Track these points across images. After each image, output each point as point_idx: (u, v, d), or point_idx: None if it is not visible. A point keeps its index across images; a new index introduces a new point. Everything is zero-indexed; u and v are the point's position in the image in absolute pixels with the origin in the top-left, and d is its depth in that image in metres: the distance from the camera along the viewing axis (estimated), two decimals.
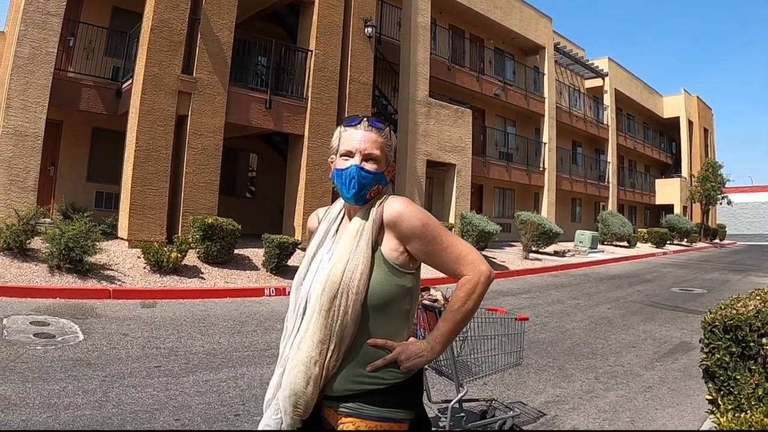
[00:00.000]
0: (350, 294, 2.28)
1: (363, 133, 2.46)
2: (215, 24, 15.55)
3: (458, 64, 26.81)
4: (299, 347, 2.34)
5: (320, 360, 2.29)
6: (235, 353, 7.86)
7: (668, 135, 51.60)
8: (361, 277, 2.29)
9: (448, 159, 22.59)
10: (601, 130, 38.93)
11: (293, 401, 2.31)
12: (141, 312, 10.08)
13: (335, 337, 2.29)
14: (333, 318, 2.28)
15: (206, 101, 15.38)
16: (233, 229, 13.81)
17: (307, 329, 2.33)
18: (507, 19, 28.87)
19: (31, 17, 14.01)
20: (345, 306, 2.28)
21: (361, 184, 2.40)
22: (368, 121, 2.50)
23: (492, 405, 5.95)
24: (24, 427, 4.92)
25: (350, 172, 2.41)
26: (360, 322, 2.32)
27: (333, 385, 2.33)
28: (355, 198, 2.43)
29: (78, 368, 6.60)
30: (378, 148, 2.45)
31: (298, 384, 2.29)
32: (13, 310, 9.12)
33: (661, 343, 9.91)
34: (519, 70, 31.75)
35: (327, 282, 2.31)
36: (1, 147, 13.67)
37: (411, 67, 21.58)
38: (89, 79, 16.54)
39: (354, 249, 2.35)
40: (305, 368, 2.29)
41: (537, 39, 31.11)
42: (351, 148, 2.44)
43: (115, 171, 16.49)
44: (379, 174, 2.45)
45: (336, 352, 2.30)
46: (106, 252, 12.84)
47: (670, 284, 18.50)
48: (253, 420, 5.48)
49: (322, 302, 2.30)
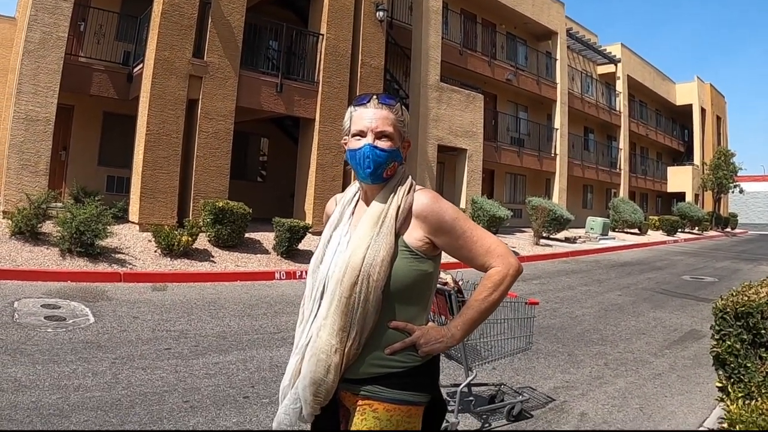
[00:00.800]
0: (371, 280, 2.25)
1: (374, 111, 2.42)
2: (226, 8, 15.52)
3: (470, 48, 26.73)
4: (318, 335, 2.32)
5: (341, 348, 2.27)
6: (244, 336, 7.88)
7: (681, 122, 51.33)
8: (382, 263, 2.27)
9: (459, 144, 22.55)
10: (614, 116, 38.75)
11: (313, 390, 2.30)
12: (152, 295, 10.11)
13: (356, 324, 2.27)
14: (354, 305, 2.26)
15: (217, 85, 15.37)
16: (244, 212, 13.83)
17: (327, 316, 2.30)
18: (519, 4, 28.75)
19: (42, 2, 14.00)
20: (366, 293, 2.25)
21: (376, 163, 2.37)
22: (378, 99, 2.45)
23: (501, 390, 5.95)
24: (34, 408, 4.94)
25: (364, 151, 2.37)
26: (381, 309, 2.30)
27: (352, 369, 2.32)
28: (372, 177, 2.40)
29: (88, 350, 6.63)
30: (390, 125, 2.41)
31: (318, 373, 2.28)
32: (24, 293, 9.17)
33: (671, 331, 9.90)
34: (531, 56, 31.61)
35: (347, 268, 2.29)
36: (12, 132, 13.71)
37: (422, 51, 21.49)
38: (100, 64, 16.56)
39: (375, 234, 2.32)
40: (326, 357, 2.27)
41: (549, 24, 30.98)
42: (363, 128, 2.40)
43: (126, 155, 16.55)
44: (394, 151, 2.41)
45: (357, 339, 2.28)
46: (117, 236, 12.90)
47: (681, 272, 18.45)
48: (261, 402, 5.49)
49: (342, 289, 2.27)
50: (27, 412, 4.86)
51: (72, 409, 5.00)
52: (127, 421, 4.88)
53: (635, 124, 41.63)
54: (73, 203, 12.83)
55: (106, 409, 5.08)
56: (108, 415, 4.96)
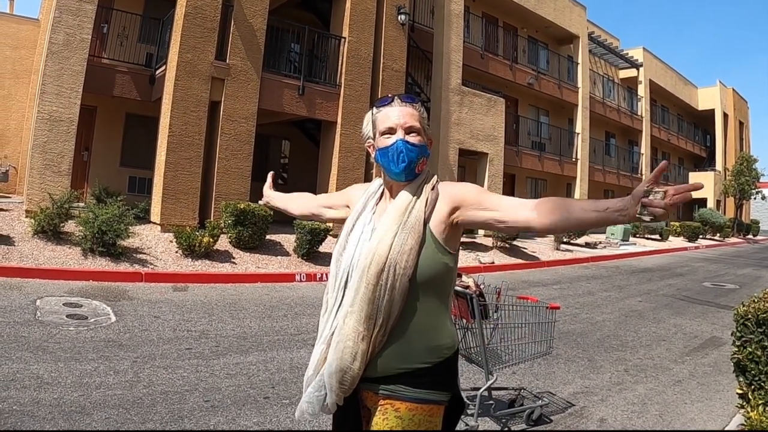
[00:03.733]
0: (398, 268, 2.28)
1: (399, 109, 2.47)
2: (248, 11, 15.58)
3: (491, 52, 26.66)
4: (345, 322, 2.34)
5: (367, 335, 2.30)
6: (265, 337, 7.91)
7: (702, 127, 50.86)
8: (410, 252, 2.29)
9: (480, 148, 22.50)
10: (635, 121, 38.50)
11: (339, 378, 2.32)
12: (172, 295, 10.16)
13: (383, 312, 2.29)
14: (380, 293, 2.28)
15: (239, 87, 15.43)
16: (265, 214, 13.86)
17: (353, 304, 2.33)
18: (541, 8, 28.64)
19: (66, 4, 14.10)
20: (392, 280, 2.28)
21: (409, 158, 2.41)
22: (400, 98, 2.50)
23: (521, 394, 5.96)
24: (56, 405, 4.98)
25: (397, 146, 2.41)
26: (406, 299, 2.32)
27: (375, 366, 2.34)
28: (406, 172, 2.43)
29: (110, 349, 6.67)
30: (417, 120, 2.47)
31: (345, 359, 2.30)
32: (46, 292, 9.23)
33: (691, 338, 9.84)
34: (552, 60, 31.47)
35: (374, 255, 2.31)
36: (36, 132, 13.82)
37: (444, 54, 21.46)
38: (123, 66, 16.66)
39: (402, 223, 2.35)
40: (352, 343, 2.30)
41: (571, 28, 30.82)
42: (392, 125, 2.44)
43: (148, 156, 16.64)
44: (424, 146, 2.47)
45: (383, 327, 2.30)
46: (138, 236, 12.96)
47: (701, 279, 18.31)
48: (282, 403, 5.50)
49: (369, 276, 2.30)
50: (49, 408, 4.90)
51: (93, 407, 5.03)
52: (149, 419, 4.91)
53: (657, 128, 41.34)
54: (95, 203, 12.91)
55: (128, 407, 5.11)
56: (129, 413, 4.99)
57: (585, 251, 23.41)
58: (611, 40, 37.75)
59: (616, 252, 24.75)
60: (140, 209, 14.06)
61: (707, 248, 32.96)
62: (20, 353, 6.19)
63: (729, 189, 44.50)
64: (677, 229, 34.93)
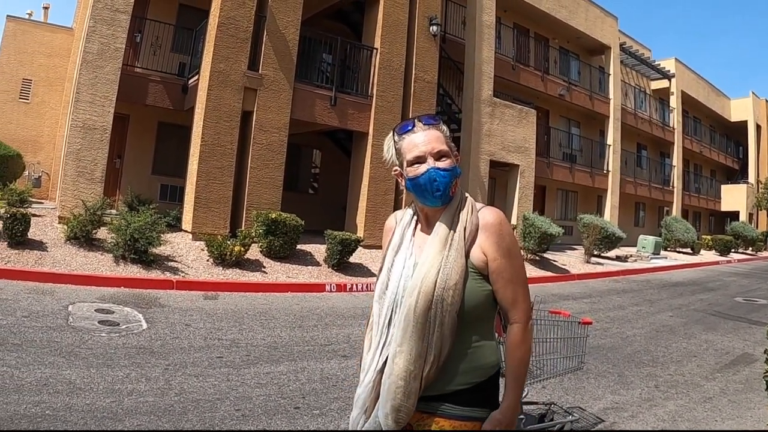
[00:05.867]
0: (445, 304, 2.25)
1: (424, 134, 2.41)
2: (281, 21, 15.64)
3: (523, 63, 26.57)
4: (395, 362, 2.30)
5: (419, 374, 2.27)
6: (295, 347, 7.89)
7: (735, 139, 50.23)
8: (455, 287, 2.26)
9: (511, 159, 22.40)
10: (667, 132, 38.16)
11: (395, 417, 2.29)
12: (203, 303, 10.19)
13: (433, 349, 2.26)
14: (430, 330, 2.26)
15: (272, 97, 15.48)
16: (296, 224, 13.87)
17: (402, 343, 2.29)
18: (572, 18, 28.51)
19: (100, 14, 14.24)
20: (441, 317, 2.25)
21: (444, 185, 2.36)
22: (422, 121, 2.45)
23: (551, 409, 5.89)
24: (88, 410, 4.99)
25: (430, 176, 2.35)
26: (456, 333, 2.30)
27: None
28: (442, 199, 2.39)
29: (141, 356, 6.69)
30: (443, 143, 2.41)
31: (398, 399, 2.27)
32: (78, 298, 9.30)
33: (722, 354, 9.68)
34: (584, 70, 31.27)
35: (420, 293, 2.27)
36: (70, 139, 13.95)
37: (475, 66, 21.42)
38: (156, 75, 16.80)
39: (445, 257, 2.31)
40: (404, 383, 2.27)
41: (602, 39, 30.64)
42: (420, 153, 2.38)
43: (179, 165, 16.75)
44: (454, 167, 2.41)
45: (435, 364, 2.27)
46: (170, 244, 13.05)
47: (733, 294, 18.06)
48: (312, 414, 5.48)
49: (417, 315, 2.26)
50: (81, 414, 4.91)
51: (125, 413, 5.04)
52: (180, 427, 4.90)
53: (689, 140, 40.89)
54: (128, 211, 13.00)
55: (159, 414, 5.11)
56: (161, 420, 4.99)
57: (616, 264, 23.21)
58: (643, 51, 37.41)
59: (647, 265, 24.51)
60: (172, 217, 14.13)
61: (739, 262, 32.55)
62: (53, 358, 6.22)
63: (762, 202, 44.00)
64: (709, 242, 34.56)
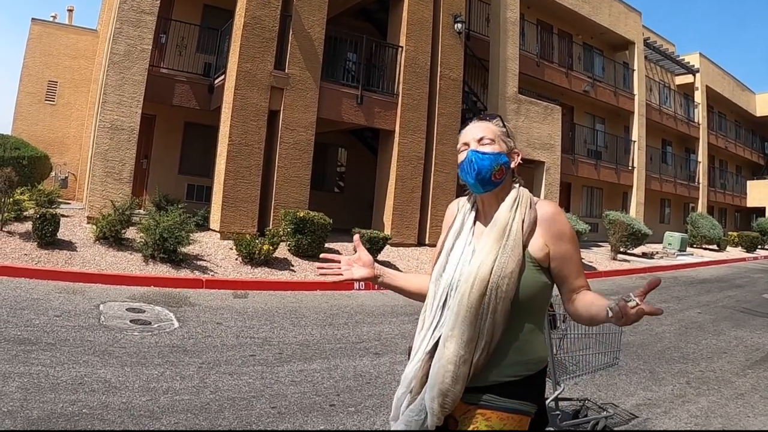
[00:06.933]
0: (500, 291, 2.26)
1: (475, 125, 2.53)
2: (306, 20, 15.66)
3: (547, 59, 26.45)
4: (446, 345, 2.30)
5: (469, 358, 2.27)
6: (327, 345, 7.88)
7: (761, 134, 49.74)
8: (511, 275, 2.27)
9: (537, 156, 22.30)
10: (692, 128, 37.79)
11: (441, 401, 2.28)
12: (233, 302, 10.19)
13: (485, 335, 2.26)
14: (482, 316, 2.27)
15: (298, 96, 15.50)
16: (324, 223, 13.87)
17: (454, 327, 2.29)
18: (596, 14, 28.34)
19: (126, 15, 14.32)
20: (494, 304, 2.26)
21: (480, 166, 2.38)
22: (478, 116, 2.57)
23: (585, 405, 5.85)
24: (125, 409, 5.00)
25: (469, 157, 2.42)
26: (509, 321, 2.30)
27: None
28: (481, 183, 2.41)
29: (174, 354, 6.70)
30: (490, 132, 2.47)
31: (446, 383, 2.26)
32: (109, 297, 9.33)
33: (752, 350, 9.58)
34: (608, 66, 31.06)
35: (475, 279, 2.29)
36: (97, 140, 14.05)
37: (500, 63, 21.34)
38: (182, 75, 16.88)
39: (502, 247, 2.33)
40: (454, 367, 2.26)
41: (626, 34, 30.41)
42: (466, 140, 2.49)
43: (206, 164, 16.84)
44: (497, 154, 2.42)
45: (486, 350, 2.27)
46: (198, 243, 13.07)
47: (761, 290, 17.86)
48: (347, 411, 5.46)
49: (471, 300, 2.27)
50: (119, 412, 4.91)
51: (162, 411, 5.04)
52: (217, 425, 4.89)
53: (714, 136, 40.49)
54: (155, 210, 13.05)
55: (196, 412, 5.11)
56: (198, 418, 4.98)
57: (642, 261, 23.05)
58: (667, 46, 37.12)
59: (674, 262, 24.32)
60: (200, 216, 14.17)
61: (766, 259, 32.27)
62: (87, 357, 6.24)
63: None
64: (735, 239, 34.27)
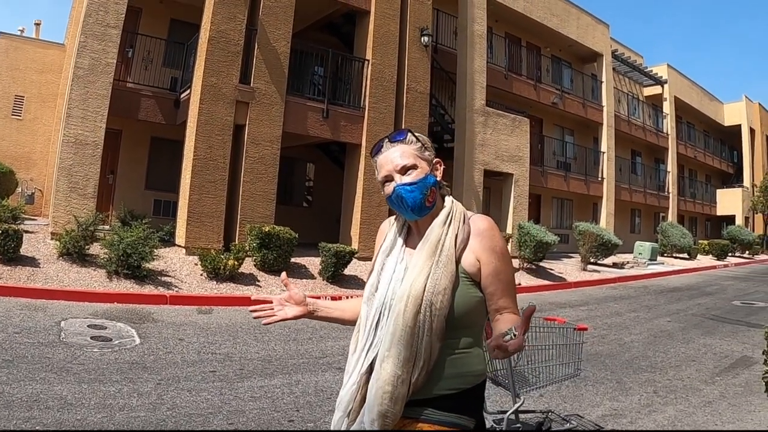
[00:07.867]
0: (434, 309, 2.24)
1: (389, 152, 2.45)
2: (272, 34, 15.65)
3: (515, 72, 26.60)
4: (382, 366, 2.28)
5: (407, 378, 2.24)
6: (290, 360, 7.86)
7: (729, 143, 50.26)
8: (444, 291, 2.26)
9: (505, 168, 22.37)
10: (661, 138, 38.17)
11: (381, 423, 2.26)
12: (197, 318, 10.15)
13: (423, 354, 2.24)
14: (419, 334, 2.25)
15: (264, 111, 15.47)
16: (290, 237, 13.82)
17: (390, 347, 2.27)
18: (564, 27, 28.55)
19: (91, 29, 14.23)
20: (429, 321, 2.24)
21: (412, 200, 2.36)
22: (389, 139, 2.49)
23: (548, 417, 5.86)
24: (80, 425, 4.95)
25: (397, 193, 2.38)
26: (444, 338, 2.28)
27: None
28: (417, 212, 2.40)
29: (134, 371, 6.66)
30: (408, 156, 2.42)
31: (384, 405, 2.24)
32: (71, 314, 9.26)
33: (721, 358, 9.68)
34: (576, 78, 31.31)
35: (409, 298, 2.27)
36: (62, 155, 13.92)
37: (468, 75, 21.44)
38: (148, 90, 16.81)
39: (435, 263, 2.31)
40: (392, 388, 2.24)
41: (594, 46, 30.67)
42: (387, 172, 2.43)
43: (173, 179, 16.73)
44: (423, 179, 2.40)
45: (425, 368, 2.25)
46: (163, 258, 13.00)
47: (731, 297, 18.06)
48: (306, 426, 5.45)
49: (407, 319, 2.25)
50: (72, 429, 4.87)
51: (117, 428, 5.00)
52: None
53: (683, 146, 40.91)
54: (121, 226, 12.98)
55: (151, 429, 5.07)
56: None
57: (612, 271, 23.20)
58: (635, 58, 37.48)
59: (644, 272, 24.51)
60: (165, 232, 14.07)
61: (736, 266, 32.56)
62: (44, 374, 6.19)
63: (757, 205, 44.07)
64: (705, 247, 34.58)
